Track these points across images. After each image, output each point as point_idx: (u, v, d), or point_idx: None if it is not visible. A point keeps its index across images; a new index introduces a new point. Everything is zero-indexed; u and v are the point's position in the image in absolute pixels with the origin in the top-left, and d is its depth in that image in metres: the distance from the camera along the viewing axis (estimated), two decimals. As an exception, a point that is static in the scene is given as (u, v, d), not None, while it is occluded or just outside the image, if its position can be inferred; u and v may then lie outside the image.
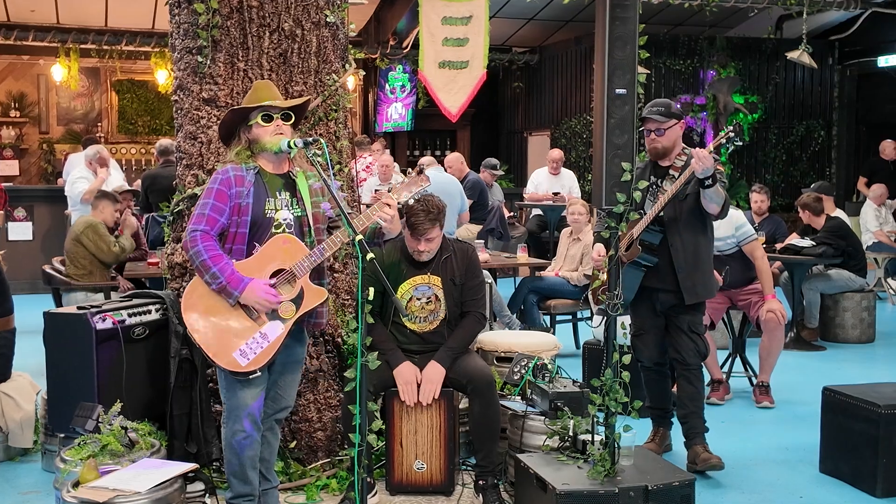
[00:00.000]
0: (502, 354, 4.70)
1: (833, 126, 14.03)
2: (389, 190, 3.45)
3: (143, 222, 7.49)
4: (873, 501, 4.09)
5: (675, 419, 4.68)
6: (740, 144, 4.37)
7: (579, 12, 12.31)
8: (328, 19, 4.32)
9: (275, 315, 3.27)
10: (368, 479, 3.81)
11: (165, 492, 3.23)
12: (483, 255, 6.80)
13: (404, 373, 3.94)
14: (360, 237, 3.06)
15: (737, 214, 5.52)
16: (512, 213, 10.93)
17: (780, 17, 13.35)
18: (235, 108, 3.43)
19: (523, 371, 4.33)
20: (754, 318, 5.71)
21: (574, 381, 4.24)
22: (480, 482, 3.95)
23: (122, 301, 4.28)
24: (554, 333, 6.68)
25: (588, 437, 3.75)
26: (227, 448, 3.40)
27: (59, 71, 12.51)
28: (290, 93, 4.20)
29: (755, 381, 5.79)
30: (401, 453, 4.01)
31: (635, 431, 3.66)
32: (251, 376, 3.29)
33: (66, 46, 12.22)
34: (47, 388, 4.21)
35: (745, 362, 6.01)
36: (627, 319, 3.92)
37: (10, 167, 13.00)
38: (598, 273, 4.64)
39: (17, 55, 12.92)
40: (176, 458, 3.80)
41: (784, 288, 7.72)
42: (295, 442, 4.13)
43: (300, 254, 3.28)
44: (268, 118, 3.34)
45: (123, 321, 4.03)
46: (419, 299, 4.08)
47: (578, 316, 7.26)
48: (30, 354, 5.19)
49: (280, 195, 3.35)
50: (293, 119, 3.43)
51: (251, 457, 3.39)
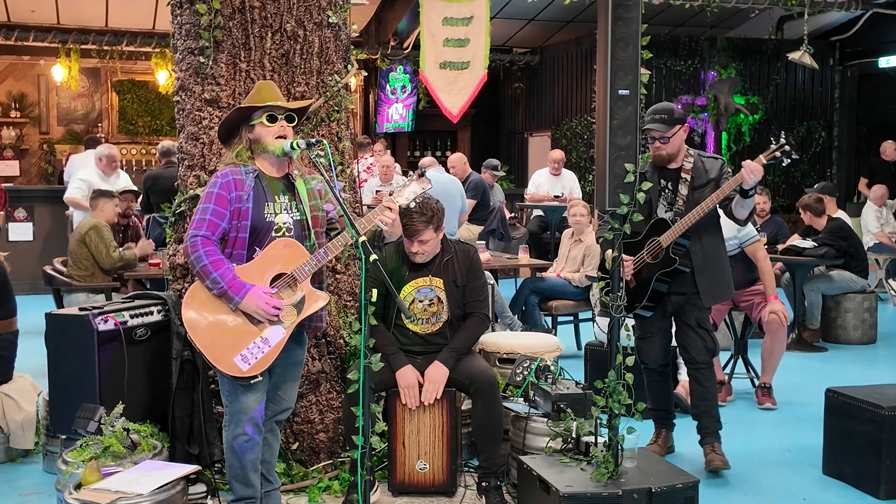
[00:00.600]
0: (504, 356, 4.69)
1: (834, 127, 14.03)
2: (390, 193, 3.43)
3: (145, 223, 7.48)
4: (876, 503, 4.09)
5: (676, 420, 4.69)
6: (797, 159, 4.25)
7: (580, 13, 12.32)
8: (330, 20, 4.31)
9: (276, 320, 3.26)
10: (370, 480, 3.80)
11: (168, 494, 3.23)
12: (484, 256, 6.79)
13: (406, 376, 3.93)
14: (363, 239, 3.05)
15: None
16: (513, 214, 10.93)
17: (780, 18, 13.35)
18: (240, 106, 3.41)
19: (526, 372, 4.32)
20: (756, 319, 5.70)
21: (577, 383, 4.23)
22: (483, 484, 3.95)
23: (123, 302, 4.27)
24: (555, 334, 6.67)
25: (591, 438, 3.74)
26: (228, 452, 3.39)
27: (60, 71, 12.51)
28: (293, 94, 4.20)
29: (757, 383, 5.79)
30: (403, 453, 4.01)
31: (639, 433, 3.65)
32: (252, 381, 3.27)
33: (66, 47, 12.22)
34: (49, 390, 4.20)
35: (748, 364, 6.01)
36: (631, 321, 3.90)
37: (11, 167, 12.99)
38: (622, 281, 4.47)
39: (17, 55, 12.92)
40: (178, 460, 3.80)
41: (786, 289, 7.71)
42: (297, 443, 4.12)
43: (301, 258, 3.26)
44: (272, 119, 3.32)
45: (125, 322, 4.02)
46: (421, 301, 4.07)
47: (580, 317, 7.25)
48: (31, 356, 5.18)
49: (280, 198, 3.34)
50: (296, 121, 3.42)
51: (253, 460, 3.38)
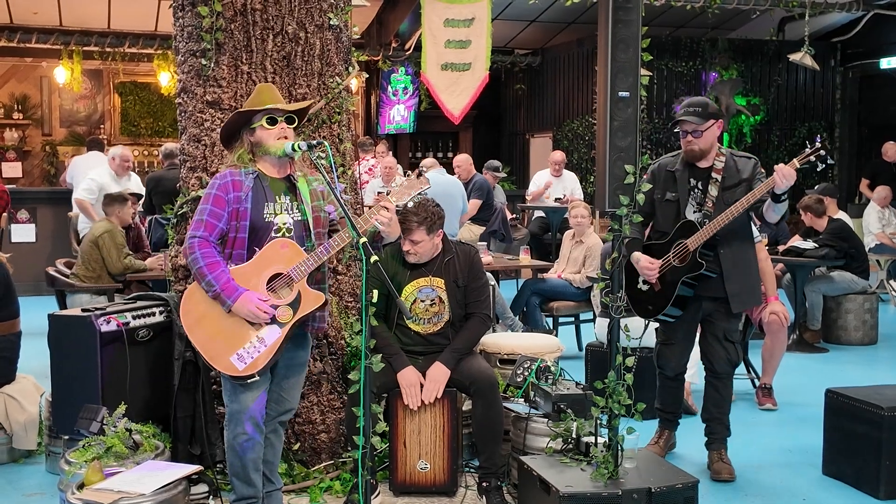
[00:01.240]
0: (505, 356, 4.71)
1: (835, 128, 14.02)
2: (388, 193, 3.44)
3: (147, 224, 7.51)
4: (876, 503, 4.09)
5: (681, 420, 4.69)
6: (832, 164, 4.13)
7: (581, 14, 12.33)
8: (331, 22, 4.32)
9: (272, 319, 3.27)
10: (371, 481, 3.81)
11: (170, 494, 3.24)
12: (486, 258, 6.80)
13: (407, 376, 3.95)
14: (363, 240, 3.07)
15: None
16: (514, 216, 10.94)
17: (782, 19, 13.34)
18: (240, 110, 3.43)
19: (526, 373, 4.34)
20: (757, 320, 5.71)
21: (577, 384, 4.24)
22: (484, 484, 3.96)
23: (126, 303, 4.29)
24: (556, 335, 6.68)
25: (591, 439, 3.75)
26: (229, 451, 3.41)
27: (62, 73, 12.54)
28: (294, 96, 4.21)
29: (758, 384, 5.79)
30: (404, 453, 4.02)
31: (639, 434, 3.66)
32: (249, 380, 3.29)
33: (69, 48, 12.24)
34: (51, 390, 4.22)
35: (748, 364, 6.01)
36: (632, 322, 3.89)
37: (14, 169, 13.01)
38: (638, 285, 4.36)
39: (20, 57, 12.95)
40: (180, 461, 3.81)
41: (787, 290, 7.71)
42: (298, 444, 4.14)
43: (298, 258, 3.28)
44: (272, 121, 3.34)
45: (127, 323, 4.03)
46: (423, 301, 4.08)
47: (581, 318, 7.26)
48: (34, 356, 5.19)
49: (281, 199, 3.35)
50: (296, 123, 3.44)
51: (254, 459, 3.39)
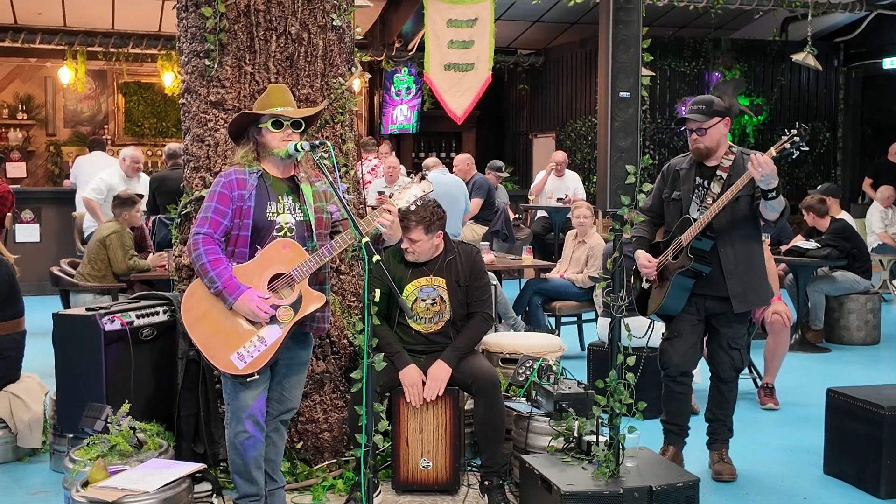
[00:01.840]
0: (507, 356, 4.72)
1: (838, 128, 14.01)
2: (391, 195, 3.45)
3: (151, 224, 7.53)
4: (877, 503, 4.10)
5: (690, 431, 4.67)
6: (807, 151, 3.94)
7: (584, 14, 12.33)
8: (334, 23, 4.34)
9: (273, 319, 3.28)
10: (374, 479, 3.83)
11: (173, 492, 3.26)
12: (488, 257, 6.82)
13: (409, 374, 3.96)
14: (366, 240, 3.08)
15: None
16: (517, 216, 10.95)
17: (785, 19, 13.34)
18: (246, 111, 3.44)
19: (528, 372, 4.35)
20: (759, 319, 5.72)
21: (579, 383, 4.26)
22: (486, 483, 3.98)
23: (130, 302, 4.31)
24: (559, 335, 6.70)
25: (593, 438, 3.77)
26: (231, 449, 3.43)
27: (66, 73, 12.56)
28: (297, 96, 4.21)
29: (760, 383, 5.80)
30: (406, 451, 4.04)
31: (640, 433, 3.68)
32: (248, 379, 3.30)
33: (73, 49, 12.27)
34: (56, 389, 4.24)
35: (750, 364, 6.00)
36: (635, 321, 3.89)
37: (18, 169, 13.04)
38: (641, 283, 4.36)
39: (24, 58, 12.98)
40: (183, 459, 3.83)
41: (789, 290, 7.72)
42: (301, 443, 4.15)
43: (300, 258, 3.29)
44: (277, 125, 3.34)
45: (132, 322, 4.05)
46: (424, 301, 4.10)
47: (583, 318, 7.27)
48: (38, 356, 5.22)
49: (283, 199, 3.36)
50: (303, 128, 3.43)
51: (255, 457, 3.41)
